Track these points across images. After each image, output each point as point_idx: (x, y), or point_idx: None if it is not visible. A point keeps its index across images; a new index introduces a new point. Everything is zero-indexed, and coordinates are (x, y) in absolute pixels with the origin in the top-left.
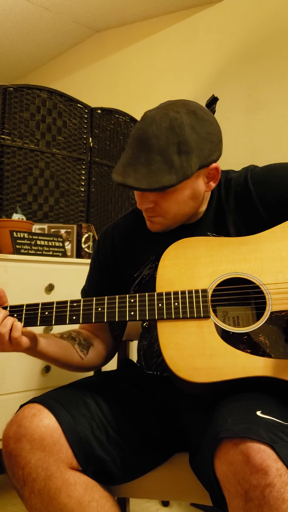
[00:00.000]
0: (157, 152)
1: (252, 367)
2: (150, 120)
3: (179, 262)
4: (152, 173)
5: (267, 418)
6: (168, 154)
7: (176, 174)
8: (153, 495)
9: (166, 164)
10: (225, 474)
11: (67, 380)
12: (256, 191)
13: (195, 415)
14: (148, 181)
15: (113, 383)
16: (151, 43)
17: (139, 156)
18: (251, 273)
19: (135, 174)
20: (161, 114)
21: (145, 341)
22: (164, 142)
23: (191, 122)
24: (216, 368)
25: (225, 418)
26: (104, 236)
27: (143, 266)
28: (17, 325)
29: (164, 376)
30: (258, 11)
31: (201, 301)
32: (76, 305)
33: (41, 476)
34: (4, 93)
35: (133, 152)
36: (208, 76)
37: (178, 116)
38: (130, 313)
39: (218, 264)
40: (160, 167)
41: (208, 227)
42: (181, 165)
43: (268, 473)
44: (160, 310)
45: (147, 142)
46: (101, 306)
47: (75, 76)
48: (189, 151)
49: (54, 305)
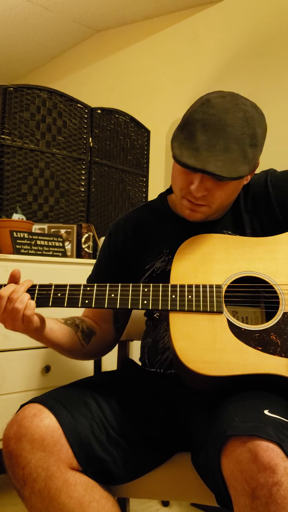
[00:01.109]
0: (234, 141)
1: (262, 364)
2: (222, 108)
3: (194, 257)
4: (231, 161)
5: (275, 417)
6: (243, 144)
7: (248, 165)
8: (153, 495)
9: (242, 154)
10: (232, 472)
11: (67, 380)
12: (275, 194)
13: (199, 413)
14: (227, 170)
15: (113, 383)
16: (152, 43)
17: (217, 143)
18: (266, 273)
19: (215, 161)
20: (232, 104)
21: (150, 338)
22: (240, 132)
23: (257, 117)
24: (227, 362)
25: (232, 416)
26: (116, 227)
27: (156, 259)
28: (30, 303)
29: (168, 374)
30: (259, 11)
31: (215, 296)
32: (89, 289)
33: (41, 476)
34: (4, 93)
35: (208, 138)
36: (208, 76)
37: (248, 109)
38: (143, 302)
39: (233, 262)
40: (238, 156)
41: (225, 226)
42: (253, 157)
43: (276, 472)
44: (174, 301)
45: (224, 129)
46: (115, 293)
47: (75, 76)
48: (257, 144)
49: (67, 288)
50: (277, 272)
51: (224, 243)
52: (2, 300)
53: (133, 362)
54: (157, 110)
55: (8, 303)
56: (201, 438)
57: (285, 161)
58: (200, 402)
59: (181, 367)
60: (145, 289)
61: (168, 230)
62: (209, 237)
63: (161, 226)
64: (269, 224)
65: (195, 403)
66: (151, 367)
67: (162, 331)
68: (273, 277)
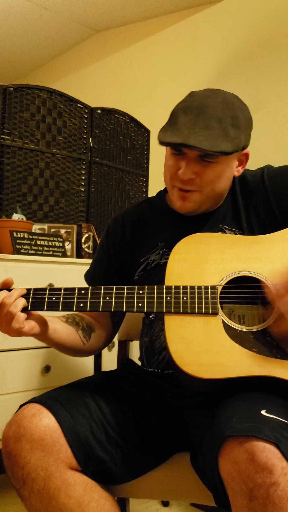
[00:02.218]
0: (215, 119)
1: (257, 366)
2: (202, 95)
3: (189, 257)
4: (212, 137)
5: (272, 418)
6: (224, 124)
7: (231, 143)
8: (153, 495)
9: (223, 132)
10: (230, 473)
11: (67, 380)
12: (271, 188)
13: (197, 413)
14: (209, 144)
15: (113, 383)
16: (151, 43)
17: (197, 122)
18: (262, 273)
19: (196, 136)
20: (211, 92)
21: (146, 337)
22: (220, 112)
23: (238, 104)
24: (222, 365)
25: (229, 417)
26: (114, 222)
27: (150, 252)
28: (19, 316)
29: (165, 374)
30: (258, 11)
31: (210, 297)
32: (84, 292)
33: (40, 476)
34: (4, 93)
35: (189, 118)
36: (208, 76)
37: (228, 96)
38: (138, 304)
39: (229, 261)
40: (219, 133)
41: (222, 220)
42: (235, 137)
43: (273, 472)
44: (168, 303)
45: (204, 109)
46: (109, 295)
47: (75, 76)
48: (240, 127)
49: (62, 291)
50: (273, 271)
51: (220, 243)
52: None
53: (132, 362)
54: (157, 110)
55: (1, 308)
56: (199, 438)
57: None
58: (198, 403)
59: (177, 370)
60: (139, 291)
61: (163, 224)
62: (204, 236)
63: (157, 220)
64: (266, 218)
65: (194, 404)
66: (149, 367)
67: (158, 330)
68: (269, 277)
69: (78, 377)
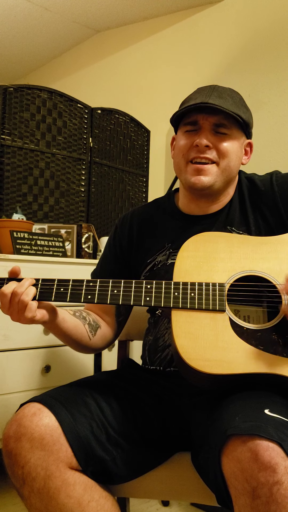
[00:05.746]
0: (227, 94)
1: (264, 364)
2: (210, 86)
3: (198, 254)
4: (228, 104)
5: (276, 417)
6: (236, 99)
7: (245, 114)
8: (153, 495)
9: (236, 104)
10: (233, 471)
11: (67, 380)
12: (280, 193)
13: (199, 412)
14: (226, 107)
15: (113, 382)
16: (151, 43)
17: (212, 94)
18: (269, 273)
19: (213, 100)
20: (218, 86)
21: (151, 336)
22: (230, 92)
23: (243, 100)
24: (228, 361)
25: (233, 416)
26: (122, 222)
27: (157, 253)
28: (32, 304)
29: (167, 372)
30: (258, 11)
31: (218, 294)
32: (92, 284)
33: (40, 475)
34: (4, 93)
35: (203, 94)
36: (208, 76)
37: (234, 91)
38: (146, 299)
39: (237, 260)
40: (233, 103)
41: (231, 222)
42: (247, 112)
43: (277, 471)
44: (176, 299)
45: (216, 88)
46: (117, 289)
47: (75, 76)
48: (248, 109)
49: (70, 283)
50: (280, 272)
51: (228, 242)
52: (5, 297)
53: (133, 362)
54: (157, 110)
55: (13, 297)
56: (201, 437)
57: (285, 161)
58: (200, 402)
59: (182, 365)
60: (147, 286)
61: (171, 225)
62: (213, 235)
63: (165, 221)
64: (273, 222)
65: (195, 403)
66: (151, 364)
67: (163, 328)
68: (276, 277)
69: (78, 377)
